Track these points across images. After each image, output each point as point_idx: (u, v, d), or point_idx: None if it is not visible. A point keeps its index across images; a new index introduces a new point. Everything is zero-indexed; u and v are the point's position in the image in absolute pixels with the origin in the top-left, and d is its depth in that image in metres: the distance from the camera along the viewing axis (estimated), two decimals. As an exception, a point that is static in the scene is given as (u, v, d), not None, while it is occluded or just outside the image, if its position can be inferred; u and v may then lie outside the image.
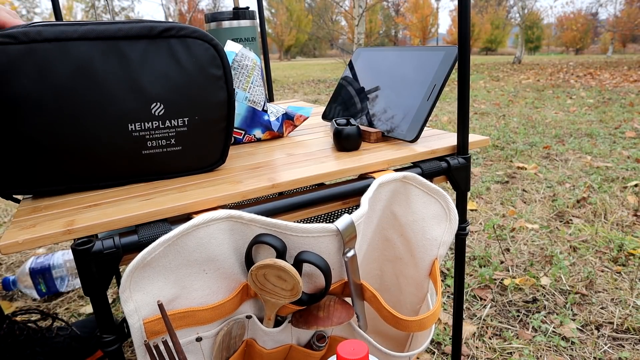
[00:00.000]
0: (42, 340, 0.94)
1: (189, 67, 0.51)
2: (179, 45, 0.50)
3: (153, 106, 0.50)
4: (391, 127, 0.69)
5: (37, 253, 1.60)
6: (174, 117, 0.52)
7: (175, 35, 0.50)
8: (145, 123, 0.51)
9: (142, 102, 0.50)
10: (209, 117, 0.54)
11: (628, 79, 6.74)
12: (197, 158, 0.56)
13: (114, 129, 0.50)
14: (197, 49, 0.51)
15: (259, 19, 1.08)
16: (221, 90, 0.53)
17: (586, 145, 2.66)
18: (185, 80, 0.51)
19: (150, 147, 0.52)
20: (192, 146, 0.55)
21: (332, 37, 22.42)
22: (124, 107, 0.49)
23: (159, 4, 38.55)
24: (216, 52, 0.52)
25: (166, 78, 0.50)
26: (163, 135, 0.52)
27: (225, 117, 0.55)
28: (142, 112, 0.50)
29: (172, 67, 0.50)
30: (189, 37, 0.50)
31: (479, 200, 1.90)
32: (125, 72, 0.49)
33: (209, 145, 0.56)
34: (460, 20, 0.58)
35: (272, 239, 0.48)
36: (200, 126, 0.54)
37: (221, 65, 0.52)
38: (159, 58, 0.50)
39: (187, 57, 0.51)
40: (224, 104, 0.54)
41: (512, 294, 1.20)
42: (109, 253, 0.43)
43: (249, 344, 0.57)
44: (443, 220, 0.61)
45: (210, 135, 0.55)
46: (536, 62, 14.36)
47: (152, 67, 0.49)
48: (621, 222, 1.60)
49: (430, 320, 0.55)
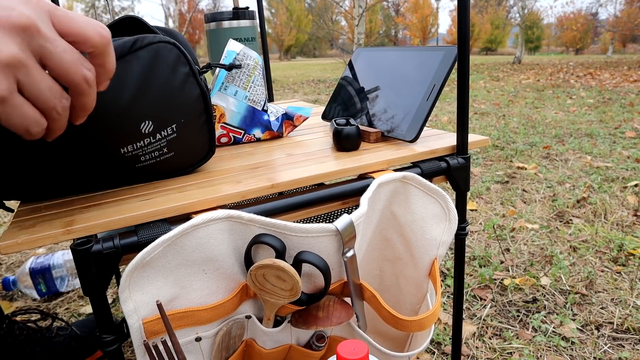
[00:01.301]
0: (42, 340, 0.94)
1: (163, 74, 0.50)
2: (148, 55, 0.49)
3: (142, 125, 0.49)
4: (391, 127, 0.69)
5: (37, 253, 1.60)
6: (163, 128, 0.51)
7: (140, 46, 0.49)
8: (137, 143, 0.50)
9: (130, 124, 0.49)
10: (191, 116, 0.54)
11: (628, 79, 6.74)
12: (189, 157, 0.57)
13: (107, 156, 0.49)
14: (163, 52, 0.50)
15: (259, 19, 1.08)
16: (193, 85, 0.53)
17: (586, 145, 2.66)
18: (164, 87, 0.50)
19: (144, 160, 0.52)
20: (183, 148, 0.55)
21: (332, 37, 22.43)
22: (114, 135, 0.48)
23: (159, 4, 38.54)
24: (178, 50, 0.51)
25: (147, 92, 0.49)
26: (156, 147, 0.52)
27: (204, 110, 0.55)
28: (132, 133, 0.49)
29: (149, 79, 0.49)
30: (152, 43, 0.49)
31: (479, 200, 1.90)
32: (108, 101, 0.47)
33: (198, 142, 0.56)
34: (460, 20, 0.58)
35: (272, 239, 0.48)
36: (187, 127, 0.54)
37: (186, 62, 0.52)
38: (134, 74, 0.48)
39: (158, 63, 0.50)
40: (199, 99, 0.54)
41: (512, 294, 1.20)
42: (108, 253, 0.43)
43: (249, 344, 0.57)
44: (443, 220, 0.61)
45: (196, 132, 0.55)
46: (536, 62, 14.36)
47: (130, 86, 0.48)
48: (621, 222, 1.60)
49: (429, 320, 0.55)
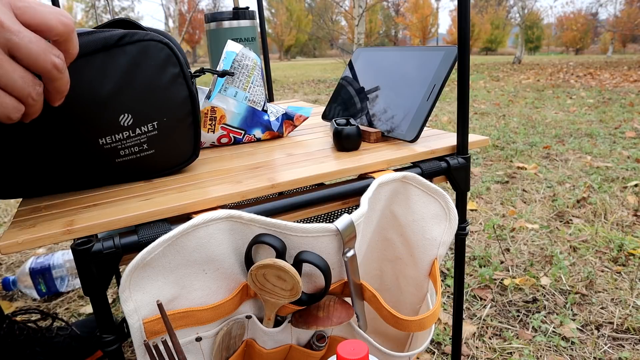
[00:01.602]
0: (42, 340, 0.94)
1: (149, 71, 0.50)
2: (135, 50, 0.49)
3: (121, 118, 0.50)
4: (391, 127, 0.69)
5: (37, 253, 1.60)
6: (143, 123, 0.51)
7: (129, 41, 0.49)
8: (116, 135, 0.50)
9: (109, 115, 0.49)
10: (176, 116, 0.54)
11: (628, 79, 6.74)
12: (171, 157, 0.57)
13: (85, 147, 0.49)
14: (152, 50, 0.50)
15: (259, 19, 1.08)
16: (182, 87, 0.53)
17: (586, 145, 2.66)
18: (148, 84, 0.50)
19: (123, 155, 0.52)
20: (165, 147, 0.55)
21: (332, 37, 22.43)
22: (93, 125, 0.49)
23: (159, 4, 38.54)
24: (170, 50, 0.51)
25: (129, 87, 0.49)
26: (135, 142, 0.52)
27: (190, 112, 0.55)
28: (111, 125, 0.50)
29: (133, 74, 0.49)
30: (142, 40, 0.50)
31: (479, 200, 1.90)
32: (87, 91, 0.47)
33: (181, 143, 0.56)
34: (460, 20, 0.58)
35: (272, 239, 0.48)
36: (170, 127, 0.54)
37: (177, 63, 0.52)
38: (118, 68, 0.49)
39: (144, 60, 0.50)
40: (186, 101, 0.54)
41: (512, 294, 1.20)
42: (108, 253, 0.43)
43: (249, 344, 0.57)
44: (443, 220, 0.61)
45: (180, 133, 0.55)
46: (536, 62, 14.36)
47: (113, 79, 0.48)
48: (621, 222, 1.60)
49: (430, 320, 0.55)
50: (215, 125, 0.70)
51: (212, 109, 0.69)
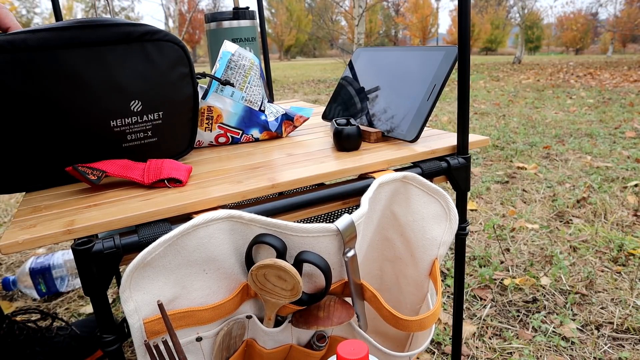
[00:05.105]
0: (42, 340, 0.94)
1: (162, 67, 0.57)
2: (153, 48, 0.56)
3: (132, 103, 0.56)
4: (391, 127, 0.69)
5: (37, 253, 1.60)
6: (150, 111, 0.57)
7: (149, 39, 0.55)
8: (126, 119, 0.56)
9: (122, 100, 0.55)
10: (179, 110, 0.60)
11: (628, 79, 6.74)
12: (170, 147, 0.62)
13: (98, 126, 0.54)
14: (168, 50, 0.57)
15: (259, 19, 1.08)
16: (188, 85, 0.60)
17: (586, 145, 2.66)
18: (159, 78, 0.57)
19: (130, 140, 0.57)
20: (166, 137, 0.60)
21: (332, 37, 22.41)
22: (107, 106, 0.54)
23: (159, 4, 38.55)
24: (183, 52, 0.58)
25: (143, 77, 0.55)
26: (141, 128, 0.57)
27: (192, 109, 0.62)
28: (122, 109, 0.55)
29: (148, 67, 0.56)
30: (161, 40, 0.56)
31: (479, 200, 1.90)
32: (106, 75, 0.53)
33: (180, 136, 0.62)
34: (460, 20, 0.58)
35: (272, 239, 0.48)
36: (173, 118, 0.60)
37: (187, 64, 0.59)
38: (136, 60, 0.55)
39: (159, 58, 0.56)
40: (190, 98, 0.61)
41: (512, 294, 1.20)
42: (109, 253, 0.43)
43: (249, 344, 0.57)
44: (443, 220, 0.61)
45: (181, 126, 0.62)
46: (536, 62, 14.36)
47: (130, 68, 0.54)
48: (621, 222, 1.60)
49: (430, 320, 0.55)
50: (212, 124, 0.70)
51: (208, 108, 0.69)
